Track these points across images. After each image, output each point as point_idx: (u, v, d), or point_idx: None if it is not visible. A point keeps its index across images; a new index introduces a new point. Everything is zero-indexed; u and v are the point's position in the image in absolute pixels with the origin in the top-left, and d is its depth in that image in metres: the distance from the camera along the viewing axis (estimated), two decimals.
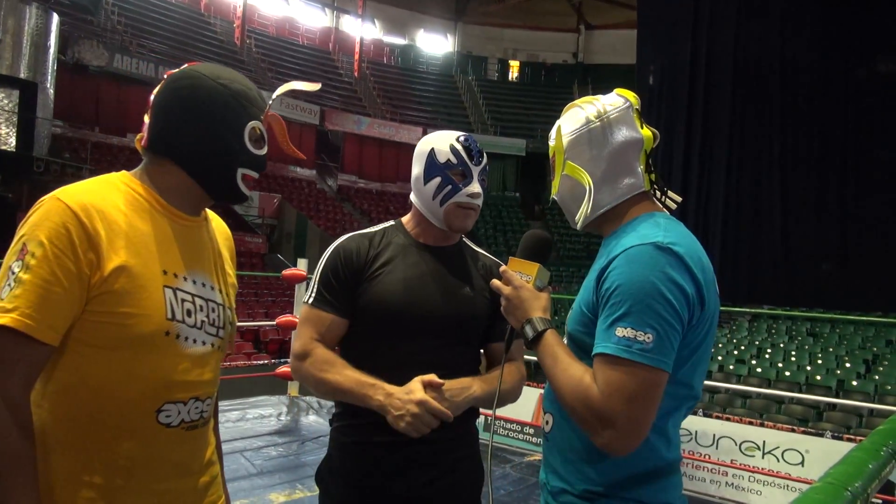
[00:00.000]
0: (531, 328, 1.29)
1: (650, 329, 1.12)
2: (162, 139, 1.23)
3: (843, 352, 11.05)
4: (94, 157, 17.70)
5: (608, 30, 30.21)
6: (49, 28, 15.64)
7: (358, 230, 1.75)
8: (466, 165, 1.62)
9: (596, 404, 1.14)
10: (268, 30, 28.37)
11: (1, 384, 1.03)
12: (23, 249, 1.08)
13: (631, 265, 1.17)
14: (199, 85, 1.24)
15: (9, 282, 1.05)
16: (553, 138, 1.40)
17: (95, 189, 1.17)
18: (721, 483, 4.87)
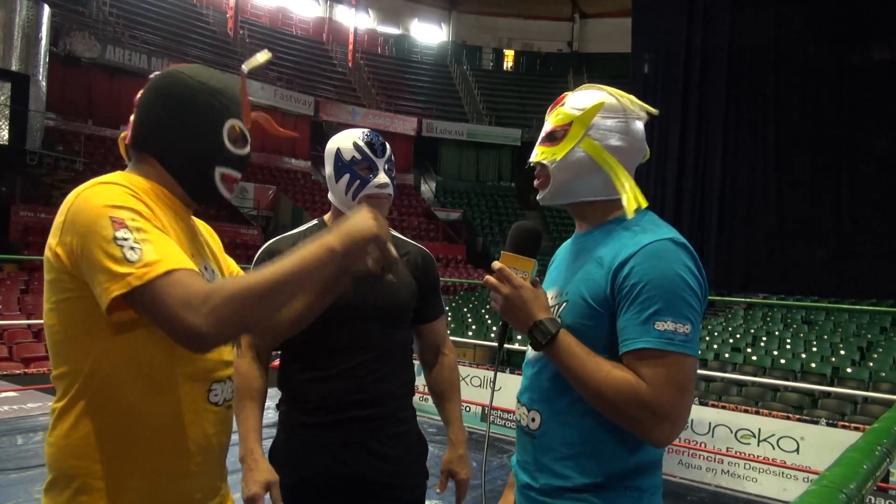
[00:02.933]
0: (541, 332, 1.23)
1: (686, 320, 1.16)
2: (144, 136, 1.25)
3: (838, 339, 11.09)
4: (88, 149, 17.59)
5: (603, 18, 30.12)
6: (40, 20, 15.50)
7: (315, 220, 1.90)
8: (371, 159, 1.75)
9: (649, 400, 1.14)
10: (261, 20, 28.19)
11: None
12: (114, 220, 1.04)
13: (656, 260, 1.18)
14: (178, 83, 1.25)
15: (127, 247, 1.02)
16: (579, 107, 1.33)
17: (125, 182, 1.15)
18: (717, 471, 4.90)
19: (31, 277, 12.72)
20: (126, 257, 1.01)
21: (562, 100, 1.38)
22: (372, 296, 1.71)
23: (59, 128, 18.18)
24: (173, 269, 1.01)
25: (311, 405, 1.70)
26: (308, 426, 1.71)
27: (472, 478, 1.84)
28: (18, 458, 4.12)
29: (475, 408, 5.88)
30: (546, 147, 1.36)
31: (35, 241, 14.29)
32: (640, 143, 1.35)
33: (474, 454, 4.85)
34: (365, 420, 1.70)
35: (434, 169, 28.44)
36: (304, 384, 1.72)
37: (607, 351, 1.21)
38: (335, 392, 1.70)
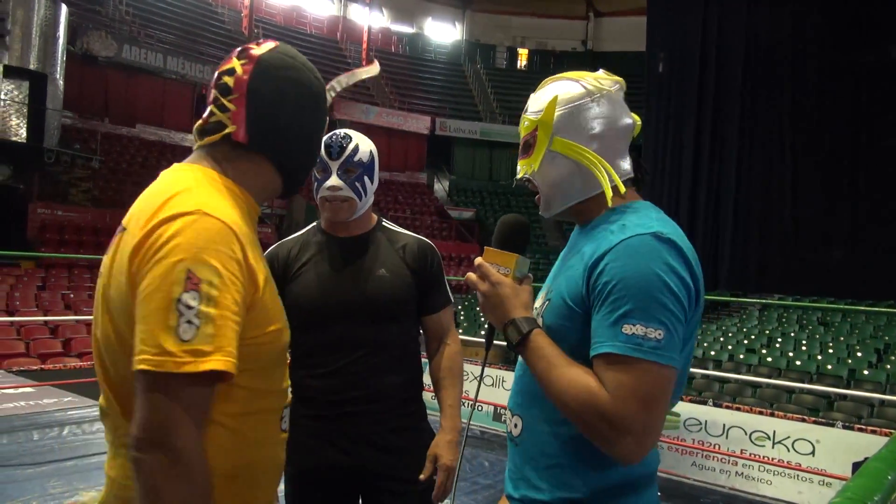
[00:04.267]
0: (515, 330, 1.15)
1: (659, 324, 1.04)
2: (264, 133, 1.11)
3: (855, 341, 10.97)
4: (104, 147, 17.75)
5: (617, 17, 29.97)
6: (58, 19, 15.65)
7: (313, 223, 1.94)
8: (324, 162, 1.78)
9: (608, 410, 1.03)
10: (275, 19, 28.31)
11: (193, 439, 0.92)
12: (191, 278, 0.92)
13: (632, 257, 1.07)
14: (305, 79, 1.16)
15: (187, 318, 0.90)
16: (537, 110, 1.25)
17: (221, 197, 1.04)
18: (731, 473, 4.86)
19: (48, 274, 12.85)
20: (178, 332, 0.90)
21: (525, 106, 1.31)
22: (364, 291, 1.77)
23: (76, 126, 18.34)
24: (213, 370, 0.91)
25: (312, 400, 1.74)
26: (309, 419, 1.75)
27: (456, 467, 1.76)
28: (34, 453, 4.16)
29: (487, 408, 5.87)
30: (524, 160, 1.29)
31: (52, 238, 14.44)
32: (618, 120, 1.23)
33: (486, 453, 4.84)
34: (365, 414, 1.74)
35: (447, 168, 28.43)
36: (303, 380, 1.76)
37: (584, 355, 1.10)
38: (334, 388, 1.74)
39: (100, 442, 4.36)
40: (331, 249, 1.83)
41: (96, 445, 4.32)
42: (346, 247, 1.84)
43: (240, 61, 1.12)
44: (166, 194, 1.01)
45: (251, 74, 1.11)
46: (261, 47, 1.15)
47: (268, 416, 1.11)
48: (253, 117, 1.10)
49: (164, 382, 0.90)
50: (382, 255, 1.84)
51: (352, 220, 1.83)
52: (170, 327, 0.90)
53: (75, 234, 14.87)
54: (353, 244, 1.84)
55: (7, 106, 14.67)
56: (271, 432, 1.12)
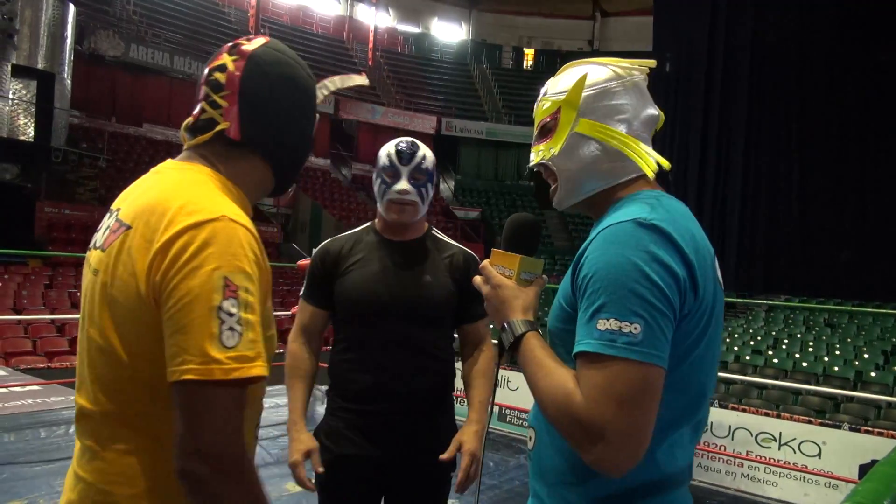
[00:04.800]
0: (509, 333, 1.10)
1: (636, 317, 0.94)
2: (257, 130, 1.10)
3: (861, 343, 10.92)
4: (111, 147, 17.82)
5: (624, 17, 29.89)
6: (66, 18, 15.72)
7: (373, 218, 2.04)
8: (395, 167, 1.89)
9: (581, 413, 0.94)
10: (282, 18, 28.36)
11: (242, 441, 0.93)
12: (228, 285, 0.92)
13: (608, 246, 0.99)
14: (296, 75, 1.14)
15: (229, 325, 0.91)
16: (560, 90, 1.18)
17: (229, 200, 1.03)
18: (736, 475, 4.84)
19: (55, 273, 12.91)
20: (222, 339, 0.90)
21: (541, 91, 1.25)
22: (410, 295, 1.87)
23: (83, 125, 18.42)
24: (260, 377, 0.93)
25: (351, 393, 1.85)
26: (348, 411, 1.87)
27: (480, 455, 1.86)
28: (42, 450, 4.18)
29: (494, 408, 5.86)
30: (541, 144, 1.20)
31: (59, 236, 14.51)
32: (644, 109, 1.17)
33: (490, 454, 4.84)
34: (399, 412, 1.83)
35: (453, 168, 28.43)
36: (345, 374, 1.89)
37: None
38: (372, 383, 1.84)
39: None
40: (382, 251, 1.93)
41: None
42: (397, 250, 1.93)
43: (231, 57, 1.10)
44: (180, 198, 0.99)
45: (243, 70, 1.09)
46: (251, 43, 1.12)
47: (250, 424, 1.11)
48: (246, 114, 1.08)
49: (213, 391, 0.90)
50: (430, 262, 1.94)
51: (403, 226, 1.93)
52: (213, 335, 0.90)
53: (82, 232, 14.93)
54: (404, 249, 1.94)
55: (15, 105, 14.74)
56: (250, 442, 1.12)
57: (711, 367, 1.09)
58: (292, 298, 14.63)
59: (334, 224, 21.31)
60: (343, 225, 21.37)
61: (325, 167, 25.56)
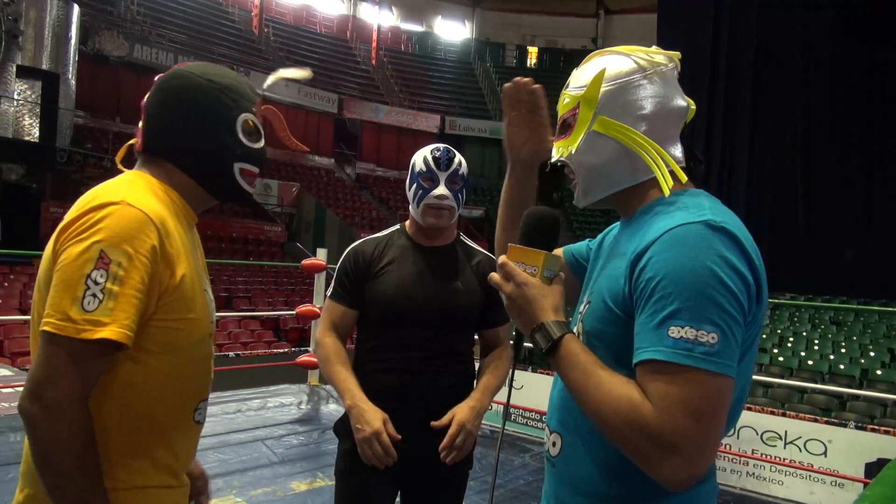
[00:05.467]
0: (544, 336, 1.03)
1: (713, 326, 0.90)
2: (158, 140, 1.24)
3: (867, 341, 10.89)
4: (116, 147, 17.77)
5: (628, 14, 29.84)
6: (70, 19, 15.76)
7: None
8: (434, 172, 1.94)
9: (653, 426, 0.90)
10: (285, 18, 28.39)
11: (73, 395, 1.03)
12: (102, 258, 1.04)
13: (679, 248, 0.94)
14: (187, 84, 1.24)
15: (91, 292, 1.03)
16: (580, 85, 1.14)
17: (149, 194, 1.16)
18: (742, 473, 4.83)
19: None
20: (83, 303, 1.03)
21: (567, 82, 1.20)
22: (439, 300, 1.92)
23: (88, 125, 18.48)
24: (106, 339, 1.02)
25: (374, 391, 1.86)
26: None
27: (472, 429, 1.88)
28: None
29: (497, 406, 5.86)
30: (561, 141, 1.16)
31: None
32: (670, 101, 1.11)
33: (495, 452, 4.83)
34: (419, 410, 1.86)
35: None
36: (371, 373, 1.91)
37: (628, 364, 0.98)
38: (395, 383, 1.89)
39: None
40: (415, 255, 1.97)
41: None
42: (429, 255, 1.98)
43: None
44: (101, 189, 1.14)
45: (148, 94, 1.26)
46: (169, 70, 1.28)
47: (179, 403, 1.20)
48: (145, 127, 1.25)
49: (61, 344, 1.02)
50: (459, 268, 1.99)
51: (436, 230, 1.97)
52: (76, 298, 1.02)
53: None
54: (435, 254, 1.99)
55: (20, 106, 14.78)
56: (182, 420, 1.21)
57: (751, 373, 1.07)
58: (296, 298, 14.64)
59: (338, 223, 21.33)
60: (347, 224, 21.38)
61: (329, 166, 25.58)
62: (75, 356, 1.02)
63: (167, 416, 1.18)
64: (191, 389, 1.22)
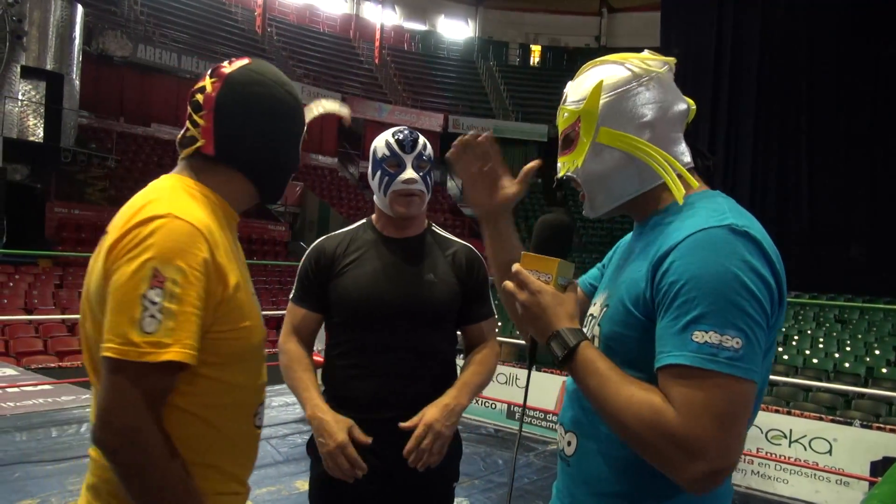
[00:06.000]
0: (559, 344, 1.03)
1: (737, 331, 0.91)
2: (232, 149, 1.18)
3: (873, 339, 10.85)
4: (120, 146, 17.89)
5: (631, 12, 29.78)
6: (74, 19, 15.79)
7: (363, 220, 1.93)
8: (398, 156, 1.78)
9: (678, 432, 0.90)
10: (288, 17, 28.40)
11: (145, 422, 1.00)
12: (157, 276, 1.01)
13: (702, 252, 0.94)
14: (272, 94, 1.19)
15: (150, 312, 0.99)
16: (578, 99, 1.14)
17: (194, 203, 1.12)
18: (746, 472, 4.82)
19: (66, 272, 12.98)
20: (142, 324, 0.99)
21: (563, 95, 1.19)
22: (411, 295, 1.74)
23: (92, 126, 18.51)
24: (171, 361, 1.00)
25: (345, 401, 1.72)
26: None
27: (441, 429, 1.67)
28: (54, 449, 4.20)
29: (500, 405, 5.86)
30: (566, 156, 1.17)
31: (69, 236, 14.59)
32: (671, 105, 1.12)
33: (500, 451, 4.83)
34: (396, 420, 1.68)
35: None
36: (344, 381, 1.77)
37: (644, 368, 0.99)
38: (368, 391, 1.72)
39: None
40: (380, 249, 1.81)
41: None
42: (396, 247, 1.81)
43: (211, 80, 1.19)
44: (144, 200, 1.10)
45: (218, 91, 1.17)
46: (232, 65, 1.20)
47: (240, 411, 1.18)
48: (219, 132, 1.16)
49: (125, 369, 0.99)
50: (432, 259, 1.82)
51: (407, 220, 1.81)
52: (135, 320, 0.99)
53: (92, 232, 15.00)
54: (404, 245, 1.82)
55: (24, 106, 14.82)
56: (244, 427, 1.19)
57: (770, 365, 1.09)
58: None
59: (342, 222, 21.34)
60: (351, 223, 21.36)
61: (333, 165, 25.60)
62: (141, 380, 0.99)
63: (231, 425, 1.16)
64: (250, 395, 1.20)
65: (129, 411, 0.99)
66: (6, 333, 9.52)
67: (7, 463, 3.86)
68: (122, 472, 1.00)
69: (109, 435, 0.99)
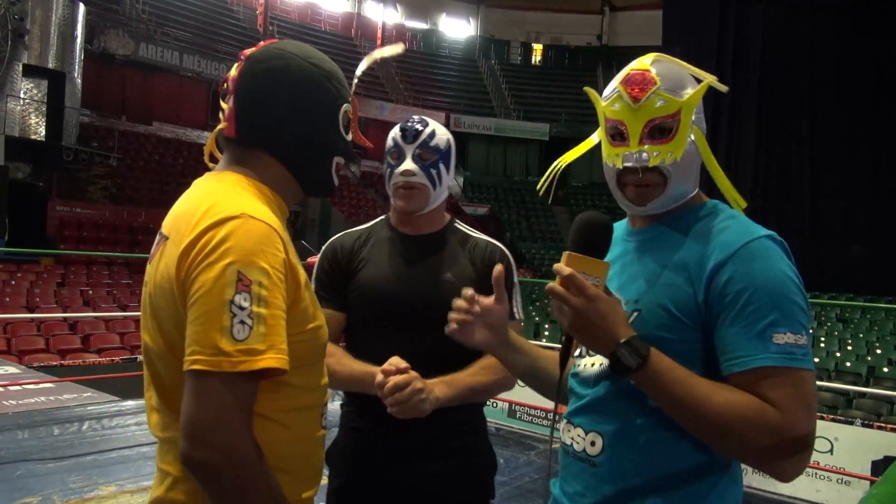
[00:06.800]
0: (632, 353, 1.01)
1: (803, 329, 1.01)
2: (254, 128, 1.11)
3: (874, 338, 10.85)
4: (121, 145, 17.91)
5: (633, 11, 29.77)
6: (76, 18, 15.81)
7: (382, 215, 1.83)
8: (399, 146, 1.66)
9: (782, 426, 0.97)
10: (290, 16, 28.41)
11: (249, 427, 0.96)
12: (241, 279, 0.94)
13: (760, 262, 1.03)
14: (292, 66, 1.12)
15: (240, 318, 0.93)
16: (680, 90, 1.14)
17: (258, 201, 1.06)
18: (748, 471, 4.79)
19: (67, 271, 13.00)
20: (232, 332, 0.93)
21: (645, 79, 1.14)
22: (427, 296, 1.61)
23: (94, 124, 18.53)
24: (268, 368, 0.94)
25: (368, 410, 1.57)
26: (364, 431, 1.63)
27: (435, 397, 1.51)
28: (54, 448, 4.21)
29: (502, 404, 5.87)
30: (660, 145, 1.12)
31: (71, 235, 14.61)
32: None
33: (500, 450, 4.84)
34: (419, 431, 1.53)
35: (462, 164, 28.43)
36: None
37: (699, 368, 1.04)
38: (375, 399, 1.55)
39: (119, 437, 4.41)
40: (396, 246, 1.69)
41: (115, 440, 4.37)
42: (412, 245, 1.69)
43: (235, 64, 1.15)
44: (208, 202, 1.03)
45: (239, 72, 1.12)
46: (258, 47, 1.15)
47: (313, 413, 1.14)
48: (239, 112, 1.11)
49: (219, 381, 0.92)
50: (451, 258, 1.68)
51: (422, 216, 1.68)
52: (224, 328, 0.92)
53: (94, 230, 15.02)
54: (421, 243, 1.69)
55: (26, 104, 14.84)
56: (315, 428, 1.15)
57: None
58: None
59: (343, 220, 21.35)
60: (352, 222, 21.40)
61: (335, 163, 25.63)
62: (237, 391, 0.93)
63: (305, 428, 1.12)
64: (318, 397, 1.15)
65: (230, 427, 0.92)
66: (8, 331, 9.53)
67: (9, 461, 3.87)
68: (220, 491, 0.93)
69: (209, 453, 0.91)
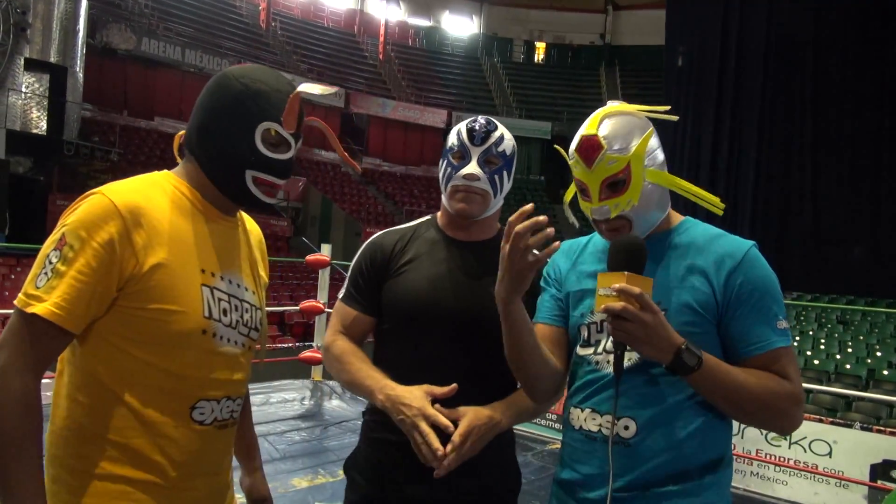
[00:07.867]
0: (691, 355, 1.21)
1: (785, 314, 1.33)
2: (189, 136, 1.28)
3: (874, 340, 10.83)
4: (123, 140, 17.91)
5: (636, 10, 29.72)
6: (78, 12, 15.80)
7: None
8: (465, 146, 1.57)
9: (797, 393, 1.28)
10: (293, 12, 28.38)
11: (14, 364, 1.07)
12: (61, 240, 1.10)
13: (759, 265, 1.33)
14: (221, 84, 1.26)
15: (45, 270, 1.10)
16: (625, 147, 1.33)
17: (140, 188, 1.20)
18: (746, 473, 4.81)
19: None
20: (36, 280, 1.09)
21: (592, 146, 1.32)
22: (471, 307, 1.52)
23: (95, 118, 18.53)
24: (38, 315, 1.06)
25: (387, 423, 1.48)
26: (389, 443, 1.53)
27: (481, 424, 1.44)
28: None
29: None
30: (616, 198, 1.33)
31: None
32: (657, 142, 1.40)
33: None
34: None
35: None
36: None
37: (718, 354, 1.29)
38: None
39: None
40: (443, 251, 1.60)
41: None
42: (460, 251, 1.60)
43: None
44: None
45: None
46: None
47: (170, 399, 1.18)
48: (188, 124, 1.29)
49: (18, 318, 1.09)
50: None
51: (475, 222, 1.60)
52: (35, 275, 1.10)
53: None
54: (470, 250, 1.61)
55: (28, 98, 14.83)
56: (176, 417, 1.19)
57: None
58: (301, 293, 14.65)
59: (344, 218, 21.34)
60: (353, 219, 21.39)
61: (336, 161, 25.57)
62: (19, 328, 1.08)
63: (154, 409, 1.17)
64: (184, 386, 1.19)
65: (3, 352, 1.07)
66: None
67: None
68: None
69: None
